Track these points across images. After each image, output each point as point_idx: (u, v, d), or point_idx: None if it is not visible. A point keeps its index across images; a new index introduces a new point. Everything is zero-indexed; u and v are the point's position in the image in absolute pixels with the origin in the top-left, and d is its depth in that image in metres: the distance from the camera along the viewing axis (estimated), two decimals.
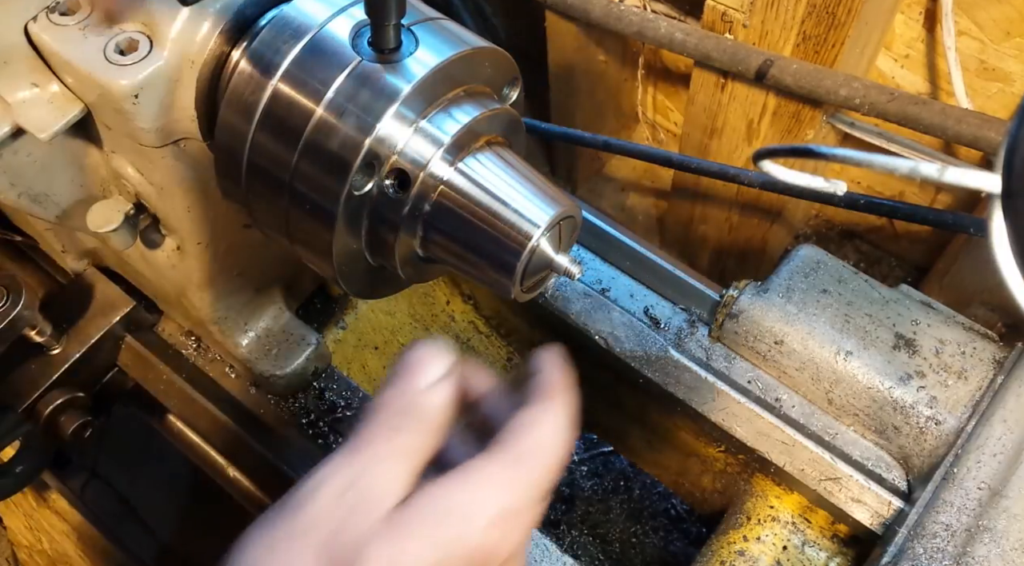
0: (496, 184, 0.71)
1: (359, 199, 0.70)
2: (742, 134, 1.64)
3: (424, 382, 0.60)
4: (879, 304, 1.02)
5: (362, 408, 0.60)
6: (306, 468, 1.06)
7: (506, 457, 0.58)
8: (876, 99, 1.35)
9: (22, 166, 0.83)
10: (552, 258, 0.71)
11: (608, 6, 1.56)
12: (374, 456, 0.57)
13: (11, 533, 1.44)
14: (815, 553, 1.06)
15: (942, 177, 0.45)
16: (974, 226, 1.24)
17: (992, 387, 0.96)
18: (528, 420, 0.60)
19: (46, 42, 0.75)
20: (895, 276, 1.99)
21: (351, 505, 0.54)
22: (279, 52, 0.71)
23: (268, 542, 0.54)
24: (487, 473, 0.57)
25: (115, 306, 1.14)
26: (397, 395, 0.60)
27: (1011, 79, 1.50)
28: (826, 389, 1.00)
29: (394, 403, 0.59)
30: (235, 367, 1.14)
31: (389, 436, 0.58)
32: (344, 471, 0.56)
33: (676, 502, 1.26)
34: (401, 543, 0.53)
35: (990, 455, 0.92)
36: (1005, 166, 0.44)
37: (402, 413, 0.59)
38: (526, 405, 0.61)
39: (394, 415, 0.59)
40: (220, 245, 0.95)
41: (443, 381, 0.60)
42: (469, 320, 1.37)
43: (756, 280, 1.07)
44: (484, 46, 0.73)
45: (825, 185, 0.54)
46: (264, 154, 0.72)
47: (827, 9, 1.34)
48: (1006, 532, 0.88)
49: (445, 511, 0.55)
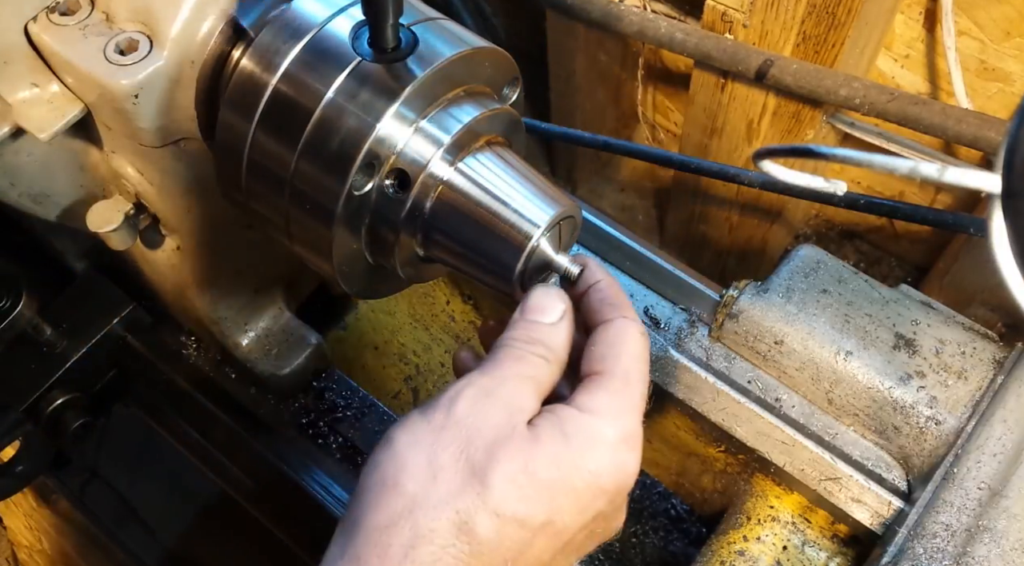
0: (496, 184, 0.71)
1: (359, 199, 0.70)
2: (742, 134, 1.64)
3: (547, 319, 0.66)
4: (879, 304, 1.02)
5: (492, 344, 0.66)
6: (306, 468, 1.07)
7: (615, 383, 0.63)
8: (876, 99, 1.35)
9: (22, 166, 0.83)
10: (552, 258, 0.71)
11: (608, 6, 1.56)
12: (506, 375, 0.62)
13: (11, 533, 1.44)
14: (815, 553, 1.06)
15: (942, 177, 0.45)
16: (974, 226, 1.24)
17: (992, 387, 0.96)
18: (616, 337, 0.65)
19: (46, 42, 0.75)
20: (895, 276, 1.99)
21: (487, 413, 0.60)
22: (279, 52, 0.71)
23: (411, 438, 0.59)
24: (606, 401, 0.62)
25: (115, 306, 1.14)
26: (525, 328, 0.66)
27: (1011, 79, 1.50)
28: (826, 389, 1.00)
29: (523, 335, 0.65)
30: (235, 367, 1.14)
31: (519, 361, 0.63)
32: (480, 383, 0.62)
33: (676, 502, 1.26)
34: (532, 456, 0.58)
35: (990, 455, 0.92)
36: (1005, 166, 0.44)
37: (531, 342, 0.65)
38: (604, 321, 0.67)
39: (523, 344, 0.65)
40: (220, 245, 0.95)
41: (563, 320, 0.67)
42: (469, 320, 1.37)
43: (756, 280, 1.07)
44: (484, 46, 0.73)
45: (825, 185, 0.54)
46: (264, 154, 0.72)
47: (827, 9, 1.34)
48: (1006, 532, 0.88)
49: (573, 434, 0.60)
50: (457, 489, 0.57)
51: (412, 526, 0.56)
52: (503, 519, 0.57)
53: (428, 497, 0.57)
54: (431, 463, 0.58)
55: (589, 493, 0.61)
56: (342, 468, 1.07)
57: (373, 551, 0.56)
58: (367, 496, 0.58)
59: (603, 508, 0.62)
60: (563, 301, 0.68)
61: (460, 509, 0.57)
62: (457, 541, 0.56)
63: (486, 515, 0.57)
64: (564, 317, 0.67)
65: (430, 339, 1.38)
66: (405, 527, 0.56)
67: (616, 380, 0.64)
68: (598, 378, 0.64)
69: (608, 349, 0.65)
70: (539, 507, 0.59)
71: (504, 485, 0.57)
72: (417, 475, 0.57)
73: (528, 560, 0.59)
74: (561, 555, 0.62)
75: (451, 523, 0.56)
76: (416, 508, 0.57)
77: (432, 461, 0.58)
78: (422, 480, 0.57)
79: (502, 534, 0.57)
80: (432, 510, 0.56)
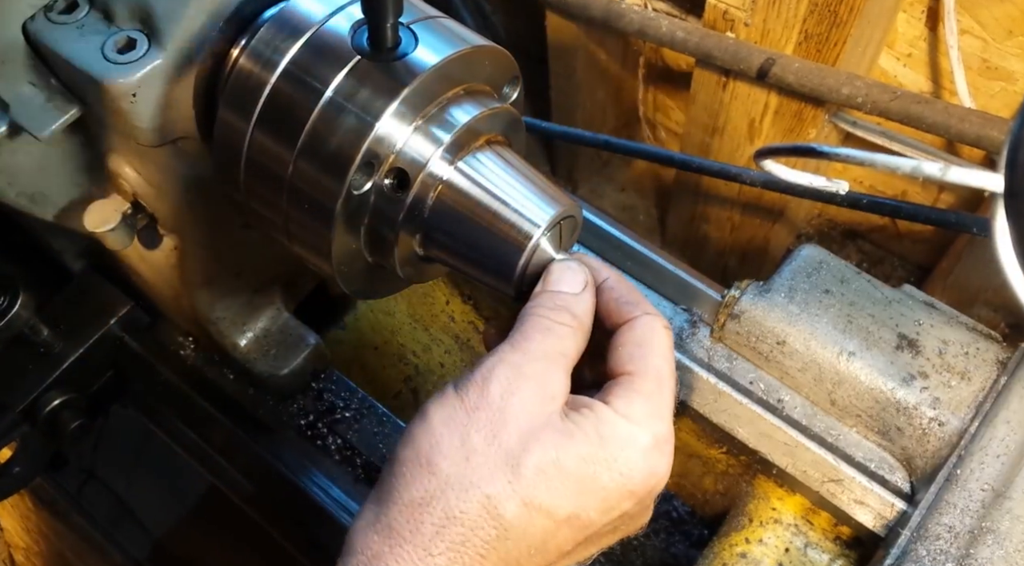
0: (496, 183, 0.71)
1: (358, 198, 0.70)
2: (744, 133, 1.64)
3: (571, 290, 0.67)
4: (882, 304, 1.01)
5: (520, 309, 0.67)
6: (304, 469, 1.06)
7: (648, 384, 0.64)
8: (878, 98, 1.35)
9: (19, 165, 0.83)
10: (552, 258, 0.71)
11: (609, 5, 1.56)
12: (536, 351, 0.63)
13: (8, 534, 1.44)
14: (817, 555, 1.05)
15: (945, 176, 0.45)
16: (977, 226, 1.24)
17: (995, 388, 0.95)
18: (643, 336, 0.66)
19: (44, 40, 0.75)
20: (898, 276, 1.98)
21: (520, 396, 0.61)
22: (278, 50, 0.70)
23: (446, 414, 0.61)
24: (640, 405, 0.63)
25: (113, 306, 1.14)
26: (550, 298, 0.67)
27: (1014, 78, 1.50)
28: (829, 390, 1.00)
29: (548, 303, 0.66)
30: (233, 368, 1.13)
31: (547, 333, 0.64)
32: (512, 360, 0.62)
33: (677, 504, 1.25)
34: (565, 450, 0.60)
35: (993, 456, 0.91)
36: (1008, 165, 0.44)
37: (556, 310, 0.65)
38: (628, 320, 0.67)
39: (549, 311, 0.65)
40: (218, 245, 0.95)
41: (587, 290, 0.68)
42: (469, 320, 1.37)
43: (758, 280, 1.06)
44: (484, 45, 0.73)
45: (827, 184, 0.54)
46: (263, 153, 0.71)
47: (829, 7, 1.34)
48: (1009, 533, 0.87)
49: (609, 437, 0.61)
50: (489, 473, 0.59)
51: (444, 506, 0.58)
52: (531, 508, 0.59)
53: (460, 479, 0.59)
54: (464, 443, 0.59)
55: (617, 494, 0.62)
56: (341, 469, 1.07)
57: (406, 526, 0.58)
58: (402, 468, 0.60)
59: (630, 509, 0.64)
60: (584, 273, 0.69)
61: (491, 494, 0.58)
62: (486, 524, 0.58)
63: (515, 502, 0.59)
64: (587, 287, 0.68)
65: (430, 339, 1.37)
66: (437, 507, 0.58)
67: (648, 381, 0.64)
68: (629, 380, 0.65)
69: (637, 349, 0.66)
70: (567, 500, 0.60)
71: (535, 475, 0.59)
72: (451, 455, 0.59)
73: (551, 549, 0.61)
74: (583, 546, 0.64)
75: (481, 507, 0.58)
76: (448, 488, 0.59)
77: (465, 442, 0.59)
78: (456, 460, 0.59)
79: (529, 522, 0.59)
80: (464, 492, 0.58)
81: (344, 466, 1.08)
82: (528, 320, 0.65)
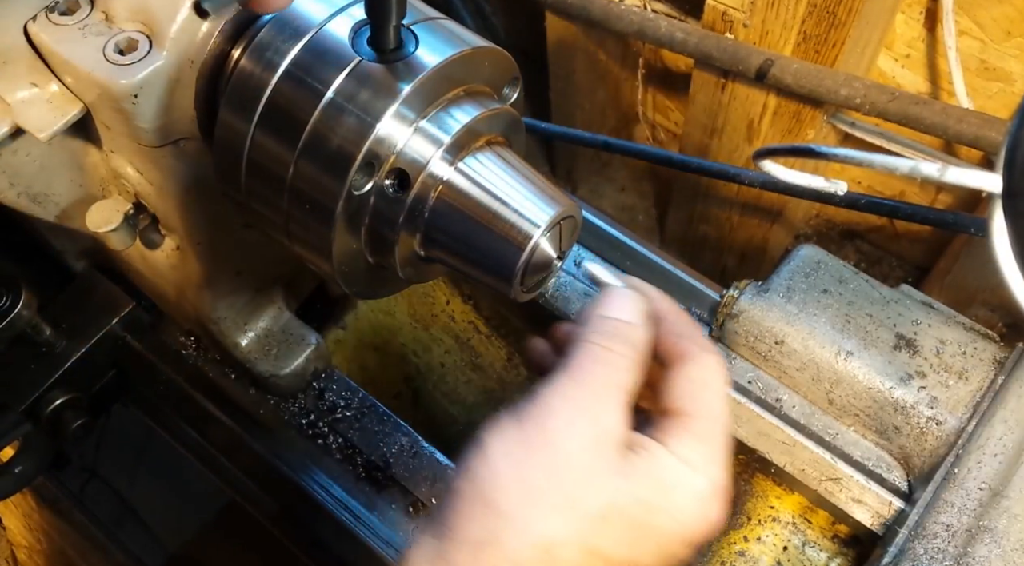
0: (496, 184, 0.71)
1: (359, 199, 0.70)
2: (742, 134, 1.64)
3: (628, 318, 0.64)
4: (880, 304, 1.01)
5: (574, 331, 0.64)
6: (306, 468, 1.07)
7: (707, 426, 0.62)
8: (877, 99, 1.35)
9: (21, 166, 0.83)
10: (552, 258, 0.71)
11: (608, 5, 1.56)
12: (595, 385, 0.61)
13: (10, 533, 1.44)
14: (815, 553, 1.06)
15: (943, 177, 0.45)
16: (975, 226, 1.24)
17: (993, 387, 0.96)
18: (701, 376, 0.64)
19: (45, 42, 0.75)
20: (896, 276, 1.98)
21: (579, 433, 0.59)
22: (279, 51, 0.71)
23: (505, 449, 0.59)
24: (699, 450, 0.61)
25: (115, 306, 1.14)
26: (605, 324, 0.64)
27: (1012, 79, 1.50)
28: (827, 389, 1.00)
29: (602, 330, 0.63)
30: (235, 367, 1.14)
31: (605, 366, 0.62)
32: (569, 393, 0.61)
33: None
34: (624, 495, 0.59)
35: (991, 455, 0.92)
36: (1006, 166, 0.44)
37: (613, 339, 0.63)
38: (686, 355, 0.65)
39: (605, 340, 0.63)
40: (220, 245, 0.95)
41: (646, 320, 0.65)
42: (469, 320, 1.37)
43: (756, 280, 1.07)
44: (484, 46, 0.73)
45: (826, 185, 0.54)
46: (264, 153, 0.72)
47: (828, 8, 1.34)
48: (1007, 532, 0.87)
49: (669, 484, 0.60)
50: (547, 515, 0.57)
51: (502, 548, 0.57)
52: (589, 553, 0.58)
53: (520, 520, 0.57)
54: (524, 482, 0.58)
55: (674, 542, 0.61)
56: (342, 468, 1.07)
57: (464, 562, 0.57)
58: (461, 504, 0.59)
59: (683, 556, 0.62)
60: (643, 302, 0.66)
61: (548, 536, 0.57)
62: None
63: (573, 547, 0.58)
64: (646, 318, 0.65)
65: (430, 339, 1.38)
66: (497, 548, 0.57)
67: (707, 423, 0.63)
68: (687, 421, 0.63)
69: (694, 387, 0.64)
70: (624, 546, 0.59)
71: (595, 519, 0.58)
72: (511, 494, 0.58)
73: None
74: None
75: (540, 550, 0.57)
76: (508, 528, 0.57)
77: (525, 480, 0.58)
78: (515, 500, 0.58)
79: None
80: (523, 534, 0.57)
81: (345, 465, 1.08)
82: (585, 348, 0.63)
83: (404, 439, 1.09)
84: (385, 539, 1.02)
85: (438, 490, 1.05)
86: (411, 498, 1.05)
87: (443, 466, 1.06)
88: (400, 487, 1.06)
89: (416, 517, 1.04)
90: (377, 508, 1.05)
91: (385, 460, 1.07)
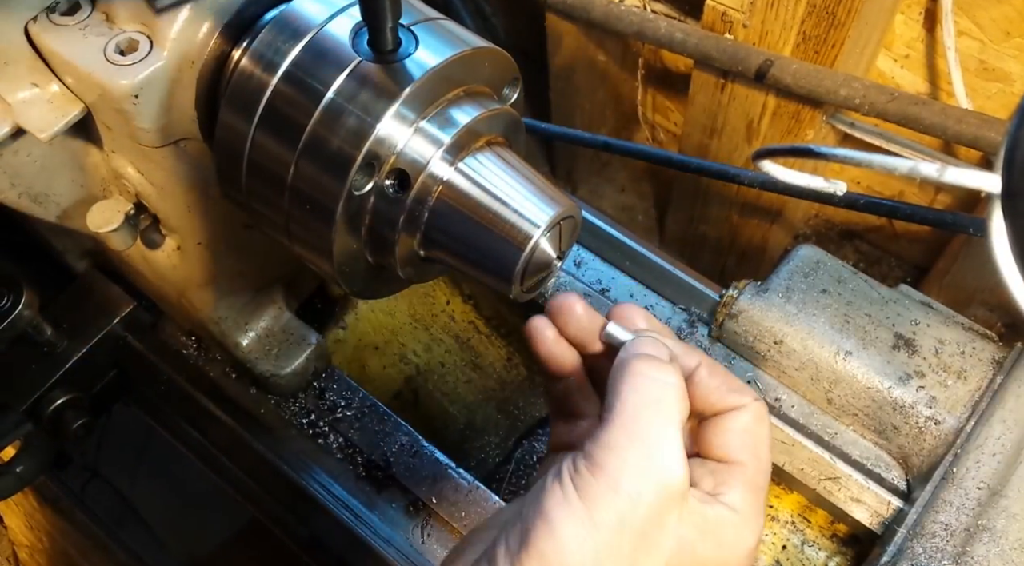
0: (496, 184, 0.71)
1: (359, 199, 0.70)
2: (742, 134, 1.64)
3: (657, 353, 0.63)
4: (878, 304, 1.02)
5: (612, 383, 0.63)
6: (306, 468, 1.07)
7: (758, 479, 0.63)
8: (876, 99, 1.35)
9: (22, 166, 0.83)
10: (552, 258, 0.71)
11: (608, 6, 1.56)
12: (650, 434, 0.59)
13: (12, 533, 1.44)
14: (814, 552, 1.06)
15: (942, 177, 0.46)
16: (973, 226, 1.24)
17: (991, 387, 0.96)
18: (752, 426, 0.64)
19: (46, 42, 0.75)
20: (895, 276, 1.99)
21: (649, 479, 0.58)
22: (279, 52, 0.71)
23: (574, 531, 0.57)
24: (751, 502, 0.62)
25: (116, 306, 1.14)
26: (643, 364, 0.62)
27: (1011, 79, 1.50)
28: (825, 389, 1.00)
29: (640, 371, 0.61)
30: (235, 367, 1.14)
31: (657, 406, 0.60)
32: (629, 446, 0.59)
33: None
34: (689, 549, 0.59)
35: (989, 455, 0.92)
36: (1005, 166, 0.44)
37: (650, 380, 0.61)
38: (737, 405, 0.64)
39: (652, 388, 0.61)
40: (220, 245, 0.95)
41: (673, 359, 0.64)
42: (469, 320, 1.37)
43: (756, 280, 1.07)
44: (484, 46, 0.73)
45: (825, 185, 0.54)
46: (264, 154, 0.72)
47: (827, 9, 1.34)
48: (1005, 532, 0.88)
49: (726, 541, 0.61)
50: None
51: None
52: None
53: None
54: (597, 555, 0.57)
55: None
56: (342, 468, 1.08)
57: None
58: None
59: None
60: (664, 347, 0.65)
61: None
62: None
63: None
64: (672, 357, 0.65)
65: (430, 339, 1.38)
66: None
67: (760, 474, 0.64)
68: (743, 471, 0.63)
69: (750, 438, 0.64)
70: None
71: None
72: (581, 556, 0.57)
73: None
74: None
75: None
76: None
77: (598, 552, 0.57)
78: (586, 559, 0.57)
79: None
80: None
81: (345, 464, 1.08)
82: (624, 387, 0.61)
83: (404, 439, 1.09)
84: (385, 538, 1.02)
85: (438, 490, 1.05)
86: (411, 497, 1.05)
87: (443, 465, 1.06)
88: (400, 486, 1.06)
89: (416, 516, 1.04)
90: (377, 507, 1.05)
91: (385, 459, 1.07)
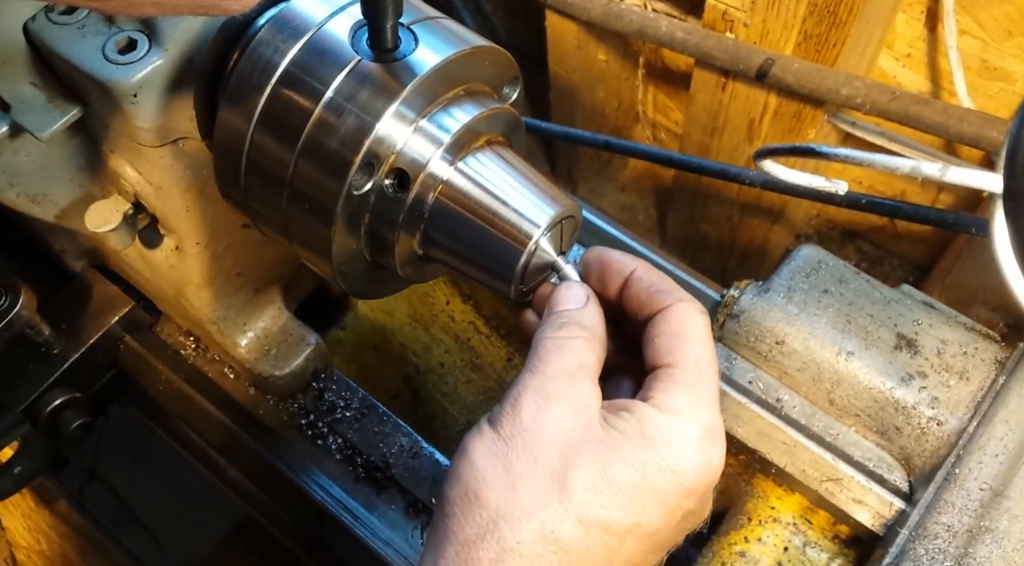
0: (496, 184, 0.71)
1: (358, 199, 0.70)
2: (743, 133, 1.64)
3: (574, 306, 0.66)
4: (880, 304, 1.01)
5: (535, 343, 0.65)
6: (305, 469, 1.07)
7: (689, 376, 0.62)
8: (878, 98, 1.35)
9: (21, 165, 0.83)
10: (552, 258, 0.71)
11: (608, 5, 1.56)
12: (556, 371, 0.62)
13: (10, 534, 1.44)
14: (816, 554, 1.06)
15: (944, 177, 0.45)
16: (976, 226, 1.24)
17: (994, 387, 0.95)
18: (680, 325, 0.64)
19: (45, 41, 0.75)
20: (896, 276, 1.98)
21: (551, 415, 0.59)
22: (278, 51, 0.70)
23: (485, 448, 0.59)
24: (684, 398, 0.61)
25: (114, 306, 1.14)
26: (556, 318, 0.66)
27: (1013, 78, 1.50)
28: (827, 389, 1.00)
29: (555, 323, 0.65)
30: (234, 367, 1.14)
31: (561, 351, 0.63)
32: (534, 384, 0.61)
33: None
34: (610, 460, 0.58)
35: (992, 456, 0.91)
36: (1007, 166, 0.44)
37: (564, 328, 0.64)
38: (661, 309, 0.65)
39: (557, 332, 0.64)
40: (219, 245, 0.95)
41: (590, 302, 0.67)
42: (469, 320, 1.37)
43: (757, 280, 1.07)
44: (484, 45, 0.73)
45: (826, 185, 0.54)
46: (263, 153, 0.71)
47: (828, 8, 1.34)
48: (1008, 533, 0.87)
49: (655, 436, 0.59)
50: (538, 498, 0.57)
51: (498, 540, 0.56)
52: (588, 525, 0.57)
53: (511, 508, 0.57)
54: (508, 472, 0.58)
55: (675, 494, 0.60)
56: (341, 469, 1.07)
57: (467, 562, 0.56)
58: (451, 508, 0.59)
59: (690, 506, 0.62)
60: (584, 288, 0.69)
61: (544, 519, 0.57)
62: (545, 552, 0.56)
63: (571, 523, 0.57)
64: (589, 300, 0.67)
65: (430, 339, 1.37)
66: (491, 541, 0.56)
67: (690, 372, 0.62)
68: (670, 372, 0.63)
69: (675, 339, 0.64)
70: (624, 511, 0.58)
71: (585, 491, 0.57)
72: (496, 486, 0.58)
73: (619, 563, 0.59)
74: (652, 554, 0.62)
75: (537, 534, 0.56)
76: (500, 520, 0.57)
77: (509, 470, 0.58)
78: (502, 491, 0.57)
79: (589, 540, 0.57)
80: (516, 522, 0.56)
81: (345, 465, 1.08)
82: (541, 344, 0.64)
83: (404, 439, 1.08)
84: (385, 539, 1.02)
85: (438, 490, 1.05)
86: (411, 498, 1.05)
87: (443, 466, 1.06)
88: (400, 487, 1.06)
89: (416, 517, 1.04)
90: (377, 508, 1.05)
91: (385, 460, 1.07)
